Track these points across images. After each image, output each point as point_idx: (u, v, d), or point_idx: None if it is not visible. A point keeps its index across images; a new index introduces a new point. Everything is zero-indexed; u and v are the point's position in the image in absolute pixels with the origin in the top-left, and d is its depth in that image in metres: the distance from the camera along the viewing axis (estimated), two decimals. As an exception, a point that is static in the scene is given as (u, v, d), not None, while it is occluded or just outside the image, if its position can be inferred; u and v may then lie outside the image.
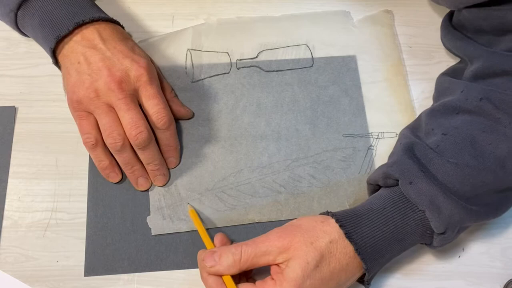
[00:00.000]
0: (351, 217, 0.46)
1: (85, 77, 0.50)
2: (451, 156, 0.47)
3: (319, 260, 0.44)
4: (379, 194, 0.49)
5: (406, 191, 0.46)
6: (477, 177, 0.46)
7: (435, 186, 0.45)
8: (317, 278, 0.43)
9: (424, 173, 0.46)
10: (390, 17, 0.64)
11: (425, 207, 0.45)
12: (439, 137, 0.49)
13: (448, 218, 0.45)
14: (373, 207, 0.47)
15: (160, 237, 0.52)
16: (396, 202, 0.47)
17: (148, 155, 0.52)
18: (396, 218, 0.46)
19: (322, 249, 0.44)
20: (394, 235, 0.46)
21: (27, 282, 0.50)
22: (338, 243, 0.45)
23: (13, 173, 0.54)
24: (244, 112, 0.58)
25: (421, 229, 0.46)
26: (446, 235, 0.46)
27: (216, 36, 0.62)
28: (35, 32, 0.54)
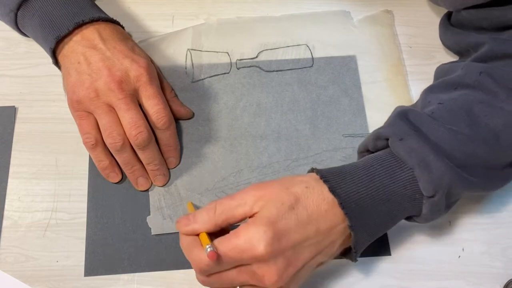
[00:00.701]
0: (335, 173, 0.44)
1: (85, 77, 0.50)
2: (445, 122, 0.46)
3: (295, 203, 0.41)
4: (366, 157, 0.47)
5: (395, 148, 0.44)
6: (469, 145, 0.45)
7: (427, 145, 0.43)
8: (292, 220, 0.41)
9: (416, 132, 0.44)
10: (390, 17, 0.64)
11: (415, 165, 0.43)
12: (435, 106, 0.48)
13: (438, 179, 0.43)
14: (359, 165, 0.45)
15: (160, 237, 0.52)
16: (383, 160, 0.45)
17: (148, 155, 0.52)
18: (382, 175, 0.44)
19: (298, 193, 0.42)
20: (380, 193, 0.43)
21: (27, 282, 0.50)
22: (315, 189, 0.42)
23: (13, 173, 0.54)
24: (244, 112, 0.58)
25: (409, 191, 0.44)
26: (436, 199, 0.43)
27: (216, 36, 0.62)
28: (35, 32, 0.54)
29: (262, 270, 0.40)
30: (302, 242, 0.41)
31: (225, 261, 0.40)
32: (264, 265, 0.40)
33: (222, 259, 0.40)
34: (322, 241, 0.42)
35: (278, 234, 0.40)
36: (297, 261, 0.41)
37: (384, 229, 0.46)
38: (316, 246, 0.42)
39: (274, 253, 0.39)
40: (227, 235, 0.41)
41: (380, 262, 0.52)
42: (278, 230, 0.40)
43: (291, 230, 0.41)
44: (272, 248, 0.39)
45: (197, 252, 0.41)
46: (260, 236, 0.39)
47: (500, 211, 0.54)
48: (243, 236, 0.40)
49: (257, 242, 0.39)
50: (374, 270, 0.51)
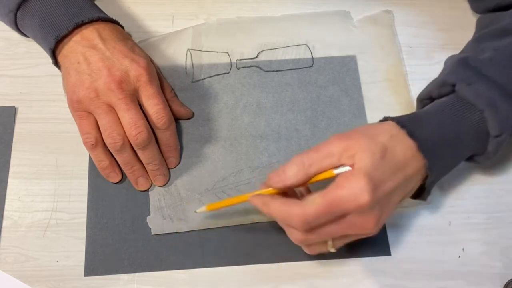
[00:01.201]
0: (411, 119, 0.46)
1: (85, 77, 0.50)
2: (506, 65, 0.48)
3: (384, 151, 0.43)
4: (434, 102, 0.49)
5: (463, 93, 0.47)
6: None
7: (494, 87, 0.46)
8: (385, 169, 0.42)
9: (482, 76, 0.47)
10: (390, 17, 0.64)
11: (484, 106, 0.46)
12: (491, 53, 0.50)
13: (505, 118, 0.46)
14: (431, 111, 0.48)
15: (160, 237, 0.52)
16: (453, 104, 0.47)
17: (148, 155, 0.52)
18: (455, 119, 0.47)
19: (385, 142, 0.43)
20: (452, 136, 0.46)
21: (27, 282, 0.50)
22: (399, 137, 0.44)
23: (13, 173, 0.54)
24: (244, 112, 0.58)
25: (477, 132, 0.47)
26: (501, 138, 0.47)
27: (216, 36, 0.62)
28: (35, 33, 0.54)
29: (362, 219, 0.42)
30: (395, 189, 0.43)
31: (330, 211, 0.41)
32: (364, 214, 0.41)
33: (327, 209, 0.41)
34: (408, 185, 0.45)
35: (376, 184, 0.41)
36: (389, 206, 0.44)
37: (452, 167, 0.49)
38: (403, 190, 0.45)
39: (374, 202, 0.41)
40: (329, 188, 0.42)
41: (380, 262, 0.52)
42: (376, 180, 0.41)
43: (385, 179, 0.42)
44: (374, 197, 0.41)
45: (297, 207, 0.42)
46: (362, 187, 0.40)
47: (500, 211, 0.54)
48: (347, 187, 0.41)
49: (360, 192, 0.40)
50: (374, 270, 0.51)
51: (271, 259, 0.51)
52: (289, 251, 0.51)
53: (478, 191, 0.55)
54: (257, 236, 0.52)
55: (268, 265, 0.51)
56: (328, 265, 0.51)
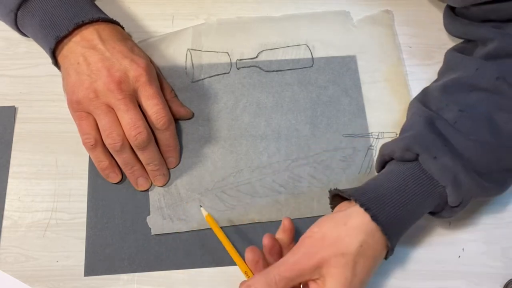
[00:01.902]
0: (375, 199, 0.46)
1: (85, 77, 0.50)
2: (469, 133, 0.48)
3: (354, 268, 0.43)
4: (397, 170, 0.48)
5: (428, 166, 0.46)
6: (494, 154, 0.47)
7: (459, 162, 0.46)
8: (358, 281, 0.43)
9: (448, 147, 0.47)
10: (390, 17, 0.64)
11: (448, 183, 0.46)
12: (456, 113, 0.49)
13: (465, 193, 0.46)
14: (395, 186, 0.47)
15: (160, 237, 0.52)
16: (417, 178, 0.47)
17: (148, 155, 0.52)
18: (418, 194, 0.46)
19: (354, 256, 0.43)
20: (414, 210, 0.46)
21: (27, 282, 0.50)
22: (368, 241, 0.44)
23: (13, 173, 0.54)
24: (244, 112, 0.58)
25: (437, 202, 0.47)
26: (458, 208, 0.47)
27: (216, 36, 0.62)
28: (35, 32, 0.54)
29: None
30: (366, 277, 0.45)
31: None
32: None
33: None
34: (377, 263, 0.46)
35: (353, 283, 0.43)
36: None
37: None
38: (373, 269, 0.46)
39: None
40: None
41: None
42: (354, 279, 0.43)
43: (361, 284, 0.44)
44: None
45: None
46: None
47: (500, 211, 0.54)
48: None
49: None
50: (374, 270, 0.51)
51: (271, 259, 0.51)
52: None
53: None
54: (257, 236, 0.52)
55: (268, 265, 0.51)
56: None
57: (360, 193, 0.46)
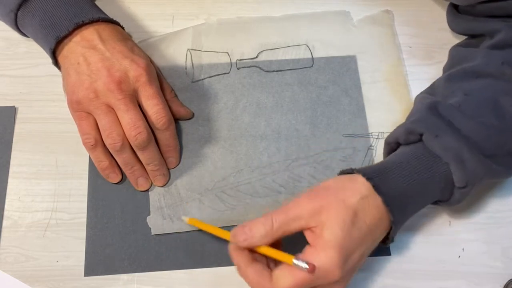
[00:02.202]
0: (377, 171, 0.46)
1: (85, 77, 0.50)
2: (474, 115, 0.48)
3: (354, 217, 0.43)
4: (401, 150, 0.49)
5: (431, 144, 0.47)
6: (499, 136, 0.47)
7: (461, 140, 0.46)
8: (356, 236, 0.43)
9: (449, 127, 0.47)
10: (390, 17, 0.64)
11: (451, 160, 0.46)
12: (461, 97, 0.49)
13: (471, 172, 0.46)
14: (398, 161, 0.47)
15: (160, 237, 0.52)
16: (420, 156, 0.47)
17: (148, 156, 0.52)
18: (421, 171, 0.46)
19: (355, 206, 0.43)
20: (419, 188, 0.46)
21: (27, 282, 0.50)
22: (369, 198, 0.44)
23: (13, 173, 0.54)
24: (244, 112, 0.58)
25: (443, 183, 0.47)
26: (466, 189, 0.47)
27: (216, 36, 0.62)
28: (35, 33, 0.54)
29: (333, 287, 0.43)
30: (363, 253, 0.44)
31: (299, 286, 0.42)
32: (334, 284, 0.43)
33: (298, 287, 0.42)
34: (375, 244, 0.46)
35: (347, 255, 0.42)
36: (357, 267, 0.45)
37: (415, 213, 0.49)
38: (370, 249, 0.46)
39: (344, 273, 0.42)
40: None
41: (380, 262, 0.52)
42: (346, 251, 0.42)
43: (355, 247, 0.43)
44: (344, 269, 0.42)
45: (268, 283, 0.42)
46: (333, 263, 0.41)
47: (500, 211, 0.54)
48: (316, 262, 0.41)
49: (331, 269, 0.41)
50: (374, 270, 0.51)
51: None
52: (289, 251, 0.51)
53: (478, 191, 0.55)
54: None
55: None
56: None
57: (364, 168, 0.47)
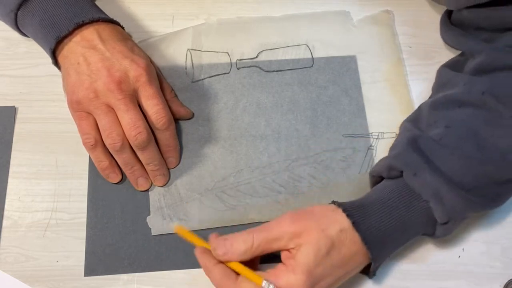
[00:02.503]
0: (358, 207, 0.47)
1: (85, 77, 0.50)
2: (454, 148, 0.48)
3: (330, 248, 0.44)
4: (383, 185, 0.49)
5: (410, 182, 0.47)
6: (479, 168, 0.47)
7: (439, 178, 0.46)
8: (328, 265, 0.44)
9: (428, 165, 0.47)
10: (390, 17, 0.64)
11: (429, 197, 0.46)
12: (442, 129, 0.49)
13: (450, 208, 0.46)
14: (378, 198, 0.48)
15: (160, 237, 0.52)
16: (400, 192, 0.47)
17: (148, 155, 0.52)
18: (401, 208, 0.47)
19: (333, 237, 0.44)
20: (399, 224, 0.46)
21: (27, 282, 0.50)
22: (347, 232, 0.45)
23: (13, 173, 0.54)
24: (244, 112, 0.58)
25: (425, 219, 0.47)
26: (449, 225, 0.47)
27: (216, 36, 0.62)
28: (35, 32, 0.54)
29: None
30: (334, 283, 0.45)
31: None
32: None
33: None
34: (348, 276, 0.47)
35: (315, 281, 0.43)
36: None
37: (396, 249, 0.49)
38: (342, 279, 0.46)
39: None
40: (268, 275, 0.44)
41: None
42: (316, 277, 0.43)
43: (326, 275, 0.44)
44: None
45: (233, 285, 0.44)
46: (298, 285, 0.42)
47: (500, 211, 0.54)
48: (284, 282, 0.43)
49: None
50: (374, 270, 0.51)
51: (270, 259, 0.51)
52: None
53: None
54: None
55: (268, 265, 0.51)
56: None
57: (346, 203, 0.48)
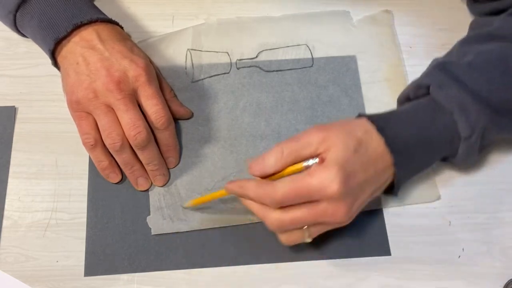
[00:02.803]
0: (383, 116, 0.49)
1: (84, 77, 0.50)
2: (482, 71, 0.49)
3: (357, 146, 0.45)
4: (408, 103, 0.51)
5: (436, 94, 0.49)
6: (505, 92, 0.49)
7: (465, 92, 0.48)
8: (357, 162, 0.45)
9: (455, 81, 0.49)
10: (390, 17, 0.64)
11: (454, 108, 0.48)
12: (472, 56, 0.51)
13: (474, 120, 0.47)
14: (403, 111, 0.50)
15: (160, 237, 0.52)
16: (425, 106, 0.49)
17: (148, 155, 0.52)
18: (425, 120, 0.48)
19: (359, 136, 0.46)
20: (422, 135, 0.48)
21: (27, 282, 0.50)
22: (372, 134, 0.46)
23: (13, 173, 0.54)
24: (244, 112, 0.58)
25: (448, 134, 0.48)
26: (472, 140, 0.48)
27: (216, 36, 0.62)
28: (34, 34, 0.54)
29: (333, 207, 0.44)
30: (365, 181, 0.45)
31: (299, 195, 0.43)
32: (335, 202, 0.43)
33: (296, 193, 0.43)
34: (379, 179, 0.47)
35: (347, 175, 0.44)
36: (361, 198, 0.46)
37: (422, 168, 0.51)
38: (374, 183, 0.47)
39: (344, 192, 0.43)
40: (300, 174, 0.44)
41: (380, 262, 0.52)
42: (347, 171, 0.44)
43: (357, 171, 0.45)
44: (343, 186, 0.43)
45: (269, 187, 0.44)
46: (332, 177, 0.43)
47: (500, 211, 0.54)
48: (317, 176, 0.43)
49: (330, 182, 0.43)
50: (374, 270, 0.51)
51: (271, 259, 0.51)
52: (289, 251, 0.51)
53: (478, 191, 0.55)
54: (257, 236, 0.52)
55: (268, 265, 0.51)
56: (328, 265, 0.51)
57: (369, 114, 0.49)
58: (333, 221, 0.45)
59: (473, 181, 0.56)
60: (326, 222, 0.45)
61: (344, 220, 0.45)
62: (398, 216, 0.54)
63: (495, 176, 0.56)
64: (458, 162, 0.51)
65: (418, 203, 0.54)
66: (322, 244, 0.52)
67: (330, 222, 0.45)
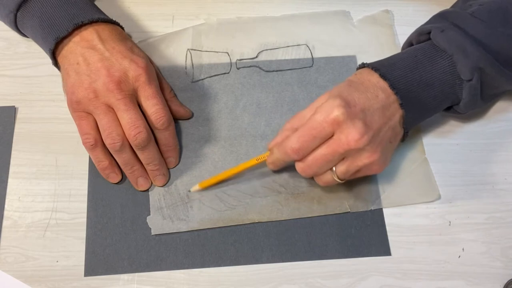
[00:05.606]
0: (384, 62, 0.51)
1: (84, 77, 0.50)
2: (484, 20, 0.51)
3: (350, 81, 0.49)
4: (409, 48, 0.53)
5: (436, 38, 0.50)
6: (504, 40, 0.50)
7: (465, 36, 0.50)
8: (353, 91, 0.48)
9: (456, 26, 0.51)
10: (389, 17, 0.64)
11: (453, 50, 0.49)
12: (476, 7, 0.53)
13: (474, 62, 0.49)
14: (404, 55, 0.51)
15: (160, 237, 0.52)
16: (425, 50, 0.51)
17: (148, 155, 0.52)
18: (425, 62, 0.50)
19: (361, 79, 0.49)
20: (423, 78, 0.50)
21: (27, 282, 0.50)
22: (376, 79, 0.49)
23: (13, 173, 0.54)
24: (244, 112, 0.58)
25: (449, 77, 0.50)
26: (473, 82, 0.49)
27: (216, 36, 0.62)
28: (35, 33, 0.54)
29: (344, 133, 0.45)
30: (368, 107, 0.47)
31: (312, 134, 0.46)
32: (344, 127, 0.45)
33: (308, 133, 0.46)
34: (383, 112, 0.48)
35: (347, 101, 0.46)
36: (371, 122, 0.47)
37: (429, 112, 0.53)
38: (382, 112, 0.48)
39: (348, 115, 0.46)
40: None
41: (380, 262, 0.52)
42: (346, 98, 0.47)
43: (355, 97, 0.47)
44: (345, 110, 0.46)
45: (287, 141, 0.48)
46: (331, 105, 0.46)
47: (500, 211, 0.54)
48: (319, 110, 0.46)
49: (330, 109, 0.46)
50: (374, 270, 0.51)
51: (271, 259, 0.51)
52: (289, 251, 0.51)
53: (478, 191, 0.55)
54: (257, 236, 0.52)
55: (268, 265, 0.51)
56: (328, 265, 0.51)
57: (371, 62, 0.51)
58: (350, 148, 0.45)
59: (473, 181, 0.56)
60: (347, 154, 0.46)
61: (360, 145, 0.45)
62: (398, 216, 0.54)
63: (495, 176, 0.56)
64: (463, 108, 0.53)
65: (418, 203, 0.54)
66: (322, 244, 0.52)
67: (349, 150, 0.46)
